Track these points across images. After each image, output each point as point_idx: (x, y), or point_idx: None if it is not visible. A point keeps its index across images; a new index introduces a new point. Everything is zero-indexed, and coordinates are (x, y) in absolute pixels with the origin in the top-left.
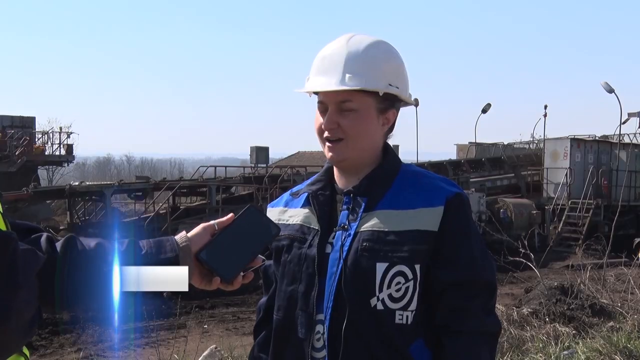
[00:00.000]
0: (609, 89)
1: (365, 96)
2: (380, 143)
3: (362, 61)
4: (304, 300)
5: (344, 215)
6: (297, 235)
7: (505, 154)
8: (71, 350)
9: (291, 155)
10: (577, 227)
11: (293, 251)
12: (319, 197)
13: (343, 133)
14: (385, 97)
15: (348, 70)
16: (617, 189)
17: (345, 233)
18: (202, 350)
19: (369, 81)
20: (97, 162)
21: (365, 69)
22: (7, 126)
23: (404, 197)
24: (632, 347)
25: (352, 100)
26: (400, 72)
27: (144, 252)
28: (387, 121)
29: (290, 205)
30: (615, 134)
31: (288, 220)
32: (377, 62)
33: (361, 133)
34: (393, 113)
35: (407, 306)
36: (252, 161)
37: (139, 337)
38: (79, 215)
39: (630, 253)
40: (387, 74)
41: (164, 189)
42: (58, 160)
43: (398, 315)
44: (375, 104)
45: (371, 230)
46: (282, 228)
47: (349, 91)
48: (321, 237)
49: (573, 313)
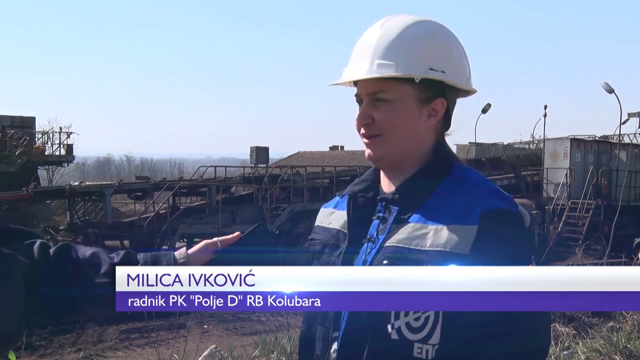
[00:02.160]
0: (609, 89)
1: (401, 84)
2: (428, 139)
3: (396, 45)
4: (323, 315)
5: (374, 225)
6: (331, 242)
7: (505, 154)
8: (71, 350)
9: (291, 156)
10: (577, 227)
11: (322, 258)
12: (358, 200)
13: (379, 128)
14: (428, 84)
15: (378, 56)
16: (617, 189)
17: (372, 245)
18: (202, 350)
19: (402, 66)
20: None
21: (399, 53)
22: (7, 126)
23: (442, 208)
24: (632, 347)
25: (384, 91)
26: (448, 53)
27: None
28: (435, 113)
29: (338, 206)
30: (615, 134)
31: (330, 223)
32: (413, 44)
33: (398, 127)
34: (442, 103)
35: (428, 338)
36: (252, 161)
37: (139, 337)
38: (78, 216)
39: (630, 253)
40: (428, 57)
41: (164, 189)
42: (58, 160)
43: (417, 349)
44: (415, 93)
45: (395, 246)
46: (320, 232)
47: (381, 80)
48: (350, 246)
49: (573, 313)
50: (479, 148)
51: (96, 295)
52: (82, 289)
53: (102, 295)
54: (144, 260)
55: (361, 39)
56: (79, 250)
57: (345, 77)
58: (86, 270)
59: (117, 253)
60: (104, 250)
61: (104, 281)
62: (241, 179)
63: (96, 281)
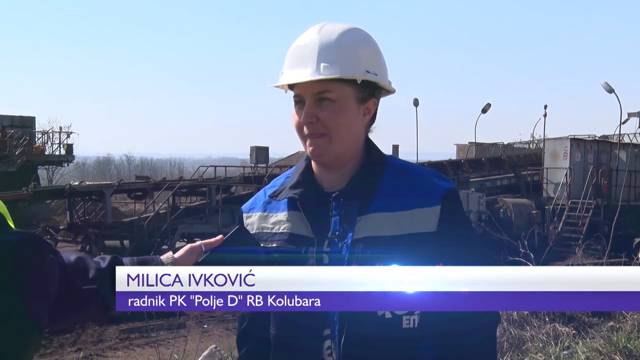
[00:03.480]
0: (609, 89)
1: (343, 85)
2: (362, 136)
3: (337, 49)
4: (307, 316)
5: (336, 222)
6: (289, 247)
7: (505, 153)
8: (71, 350)
9: (291, 155)
10: (577, 227)
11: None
12: (306, 201)
13: (324, 127)
14: (364, 86)
15: (323, 59)
16: (617, 188)
17: (342, 242)
18: (202, 350)
19: (346, 69)
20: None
21: (341, 56)
22: (7, 126)
23: (397, 196)
24: (632, 347)
25: (329, 91)
26: (378, 58)
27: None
28: (368, 111)
29: (269, 209)
30: (615, 134)
31: (273, 228)
32: (352, 48)
33: (343, 125)
34: (373, 102)
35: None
36: (252, 161)
37: (139, 337)
38: (78, 215)
39: (630, 253)
40: (364, 61)
41: (164, 189)
42: (58, 160)
43: (405, 321)
44: (355, 93)
45: (369, 237)
46: (268, 237)
47: (325, 81)
48: (319, 247)
49: (573, 313)
50: (479, 148)
51: (84, 301)
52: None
53: (90, 301)
54: (131, 265)
55: (298, 43)
56: (62, 255)
57: (293, 78)
58: (72, 276)
59: (103, 258)
60: (88, 255)
61: (92, 287)
62: (241, 178)
63: (83, 287)
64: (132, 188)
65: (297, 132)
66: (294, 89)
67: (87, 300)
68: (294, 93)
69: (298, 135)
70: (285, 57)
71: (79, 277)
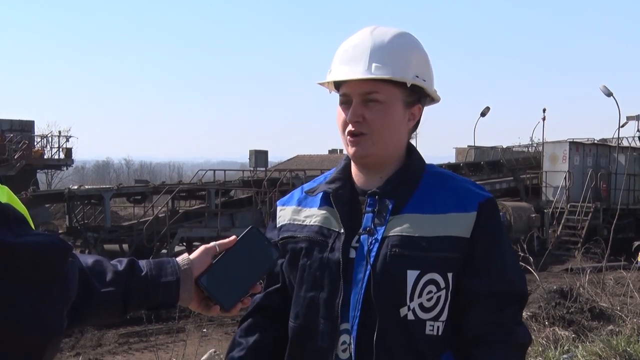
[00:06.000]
0: (607, 93)
1: (392, 87)
2: (405, 140)
3: (389, 51)
4: (327, 308)
5: (368, 218)
6: (317, 238)
7: (504, 157)
8: (70, 354)
9: (290, 159)
10: (576, 230)
11: (314, 255)
12: (340, 197)
13: (367, 127)
14: (412, 90)
15: (375, 60)
16: (616, 192)
17: (372, 237)
18: (201, 354)
19: (397, 71)
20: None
21: (392, 58)
22: (6, 130)
23: (433, 200)
24: (632, 351)
25: (378, 92)
26: (427, 65)
27: (143, 274)
28: (413, 117)
29: (304, 204)
30: (614, 138)
31: (304, 220)
32: (404, 52)
33: (386, 127)
34: (419, 108)
35: (439, 316)
36: (251, 165)
37: (138, 341)
38: (78, 219)
39: (629, 256)
40: (414, 66)
41: (163, 193)
42: (57, 164)
43: (429, 326)
44: (402, 97)
45: (400, 235)
46: (298, 229)
47: (375, 81)
48: (345, 241)
49: (572, 317)
50: (478, 151)
51: (102, 304)
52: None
53: (108, 304)
54: (148, 268)
55: (350, 42)
56: (80, 259)
57: (344, 74)
58: (90, 279)
59: (120, 261)
60: (105, 258)
61: (110, 290)
62: (240, 182)
63: (102, 290)
64: (131, 192)
65: (340, 130)
66: (340, 88)
67: (105, 303)
68: (340, 92)
69: (340, 133)
70: (335, 55)
71: (97, 280)
